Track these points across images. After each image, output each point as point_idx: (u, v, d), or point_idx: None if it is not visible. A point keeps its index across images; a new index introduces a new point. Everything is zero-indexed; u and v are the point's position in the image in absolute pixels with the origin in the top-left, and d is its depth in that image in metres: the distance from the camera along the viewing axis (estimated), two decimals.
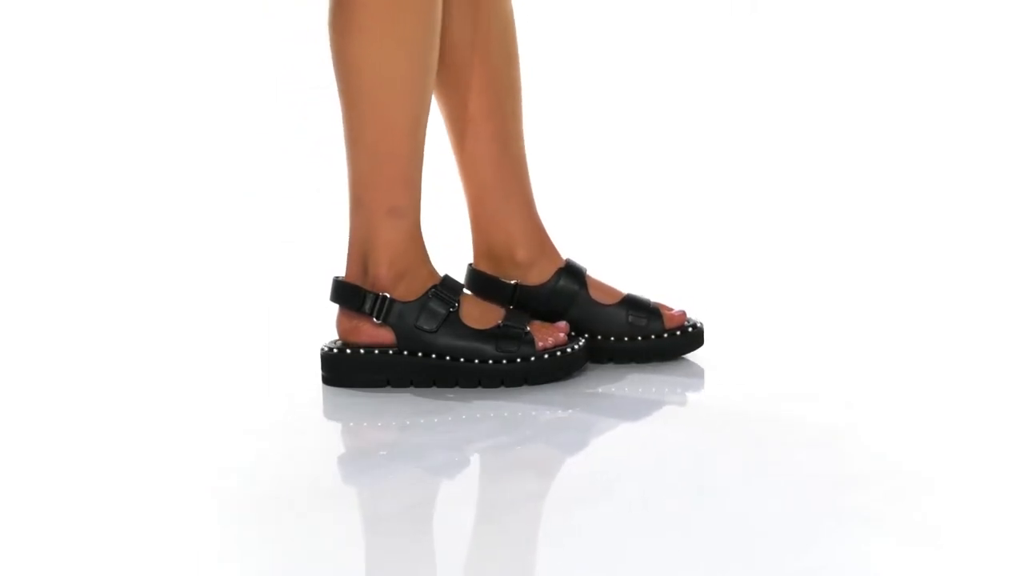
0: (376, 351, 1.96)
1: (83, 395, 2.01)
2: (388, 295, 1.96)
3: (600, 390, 1.96)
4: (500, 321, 1.97)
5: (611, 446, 1.80)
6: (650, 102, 3.65)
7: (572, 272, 2.06)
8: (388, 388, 1.95)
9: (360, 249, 1.98)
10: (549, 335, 1.98)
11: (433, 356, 1.96)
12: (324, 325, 2.19)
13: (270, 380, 2.08)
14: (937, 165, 3.32)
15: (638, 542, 1.46)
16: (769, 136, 3.51)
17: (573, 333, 2.03)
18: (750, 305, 2.41)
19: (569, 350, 1.98)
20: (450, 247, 2.19)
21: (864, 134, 3.49)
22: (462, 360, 1.95)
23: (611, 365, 2.05)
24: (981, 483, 1.62)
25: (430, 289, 1.96)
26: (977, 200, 3.10)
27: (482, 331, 1.96)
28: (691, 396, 1.98)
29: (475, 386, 1.95)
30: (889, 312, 2.36)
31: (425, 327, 1.95)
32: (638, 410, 1.91)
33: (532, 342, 1.96)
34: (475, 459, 1.77)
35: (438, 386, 1.96)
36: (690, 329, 2.06)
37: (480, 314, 1.97)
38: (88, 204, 3.16)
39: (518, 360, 1.96)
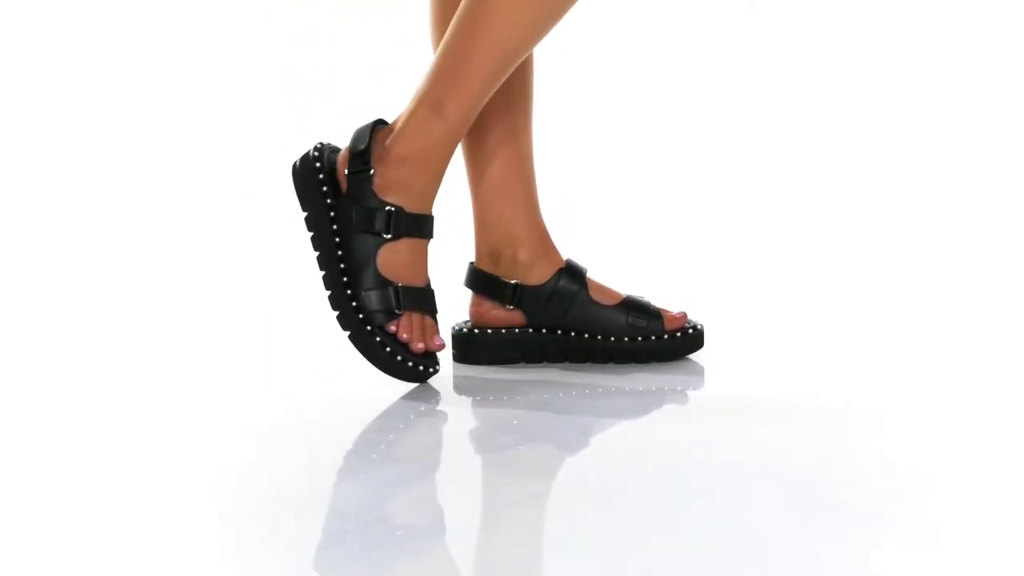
0: (322, 179, 1.94)
1: (83, 395, 2.01)
2: (372, 171, 1.93)
3: (600, 390, 1.96)
4: (401, 283, 1.93)
5: (612, 446, 1.80)
6: (650, 102, 3.65)
7: (572, 272, 2.06)
8: (387, 385, 1.95)
9: (395, 123, 1.96)
10: (413, 333, 1.93)
11: (336, 239, 1.93)
12: (324, 325, 2.19)
13: (270, 380, 2.08)
14: (937, 165, 3.32)
15: (638, 542, 1.47)
16: (769, 136, 3.51)
17: (436, 368, 1.95)
18: (751, 305, 2.41)
19: (410, 364, 1.93)
20: (453, 246, 2.19)
21: (864, 134, 3.49)
22: (337, 268, 1.93)
23: (611, 365, 2.05)
24: (981, 483, 1.62)
25: (396, 209, 1.93)
26: (977, 200, 3.10)
27: (378, 275, 1.92)
28: (691, 395, 1.98)
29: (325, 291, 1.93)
30: (889, 312, 2.36)
31: (351, 215, 1.93)
32: (638, 410, 1.91)
33: (389, 319, 1.92)
34: (476, 459, 1.77)
35: (319, 267, 1.94)
36: (690, 331, 2.06)
37: (401, 265, 1.94)
38: (88, 204, 3.16)
39: (361, 316, 1.92)
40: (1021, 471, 1.67)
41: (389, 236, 1.93)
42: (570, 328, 2.05)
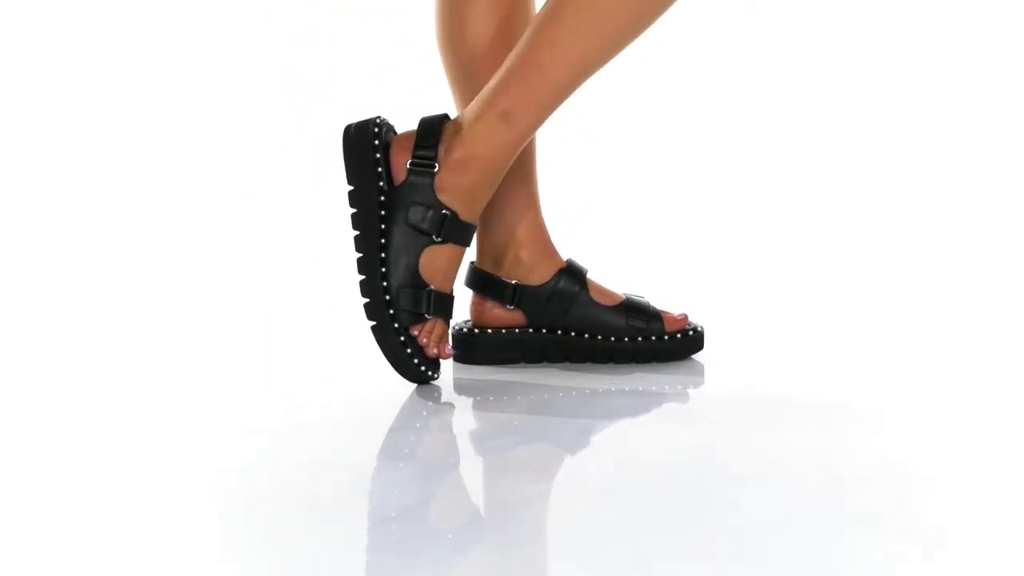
0: (379, 158, 1.93)
1: (83, 395, 2.01)
2: (436, 168, 1.92)
3: (600, 390, 1.96)
4: (434, 287, 1.93)
5: (612, 446, 1.80)
6: (650, 103, 3.64)
7: (573, 273, 2.06)
8: (386, 386, 1.95)
9: (459, 123, 1.94)
10: (431, 339, 1.93)
11: (382, 226, 1.93)
12: (324, 324, 2.19)
13: (270, 380, 2.08)
14: (937, 165, 3.32)
15: (638, 542, 1.46)
16: (769, 137, 3.51)
17: (439, 374, 1.96)
18: (752, 304, 2.41)
19: (423, 368, 1.93)
20: None
21: (864, 134, 3.49)
22: (377, 254, 1.92)
23: (611, 365, 2.05)
24: (981, 483, 1.62)
25: (452, 213, 1.92)
26: (977, 200, 3.10)
27: (417, 274, 1.92)
28: (692, 395, 1.98)
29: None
30: (889, 312, 2.36)
31: (407, 207, 1.92)
32: (639, 409, 1.91)
33: (415, 321, 1.92)
34: (476, 460, 1.77)
35: (356, 247, 1.93)
36: (691, 332, 2.06)
37: (440, 270, 1.94)
38: (88, 204, 3.16)
39: (391, 311, 1.91)
40: (1021, 471, 1.67)
41: (439, 239, 1.93)
42: (570, 328, 2.05)
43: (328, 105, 3.49)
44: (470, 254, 2.09)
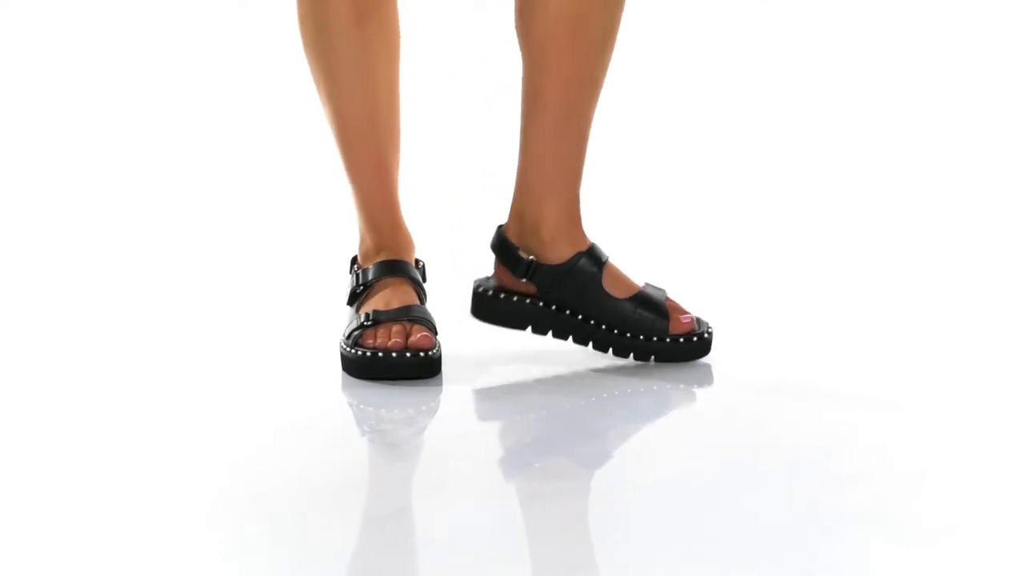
0: None
1: (85, 395, 2.01)
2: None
3: (607, 391, 1.96)
4: (371, 309, 2.03)
5: (614, 445, 1.80)
6: (651, 102, 3.64)
7: (592, 257, 2.04)
8: (388, 386, 1.96)
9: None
10: (389, 337, 2.01)
11: None
12: (326, 325, 2.19)
13: (270, 380, 2.07)
14: (939, 164, 3.32)
15: (639, 541, 1.47)
16: (772, 136, 3.51)
17: (422, 355, 1.99)
18: (755, 305, 2.41)
19: (394, 355, 1.98)
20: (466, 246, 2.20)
21: (868, 134, 3.49)
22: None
23: (614, 364, 2.04)
24: (981, 483, 1.62)
25: (356, 271, 2.10)
26: (977, 200, 3.10)
27: (356, 316, 2.04)
28: (695, 394, 1.98)
29: None
30: (892, 313, 2.36)
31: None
32: (645, 409, 1.91)
33: (363, 335, 2.01)
34: (478, 459, 1.77)
35: None
36: (694, 339, 2.04)
37: (374, 303, 2.05)
38: (89, 205, 3.16)
39: (348, 348, 2.02)
40: (1021, 471, 1.67)
41: (360, 289, 2.07)
42: (578, 311, 2.03)
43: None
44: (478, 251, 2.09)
